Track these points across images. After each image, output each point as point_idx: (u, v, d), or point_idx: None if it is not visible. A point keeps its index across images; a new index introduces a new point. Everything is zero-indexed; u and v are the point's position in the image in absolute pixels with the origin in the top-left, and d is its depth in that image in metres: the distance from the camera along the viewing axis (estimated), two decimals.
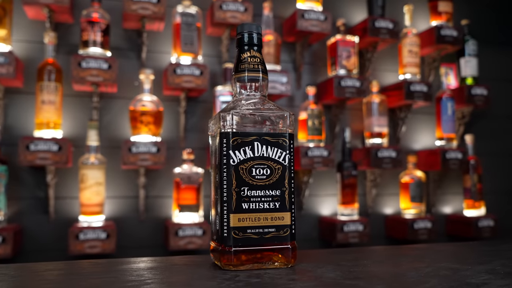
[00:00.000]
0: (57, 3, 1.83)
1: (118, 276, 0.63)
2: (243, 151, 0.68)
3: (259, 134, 0.69)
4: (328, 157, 2.08)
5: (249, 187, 0.68)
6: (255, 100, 0.73)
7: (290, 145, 0.71)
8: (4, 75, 1.76)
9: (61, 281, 0.61)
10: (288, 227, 0.70)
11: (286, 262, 0.69)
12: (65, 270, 0.70)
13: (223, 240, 0.67)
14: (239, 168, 0.68)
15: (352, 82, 2.15)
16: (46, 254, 1.88)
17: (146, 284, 0.58)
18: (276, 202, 0.69)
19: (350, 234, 2.09)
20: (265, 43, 2.09)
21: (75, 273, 0.67)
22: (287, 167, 0.70)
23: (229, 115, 0.69)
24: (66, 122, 1.96)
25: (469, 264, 0.71)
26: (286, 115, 0.71)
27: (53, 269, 0.69)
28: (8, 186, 1.83)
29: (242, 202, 0.68)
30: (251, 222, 0.68)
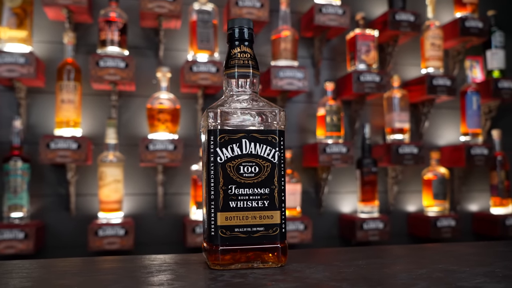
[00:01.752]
0: (75, 3, 1.86)
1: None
2: (231, 148, 0.67)
3: (247, 131, 0.68)
4: (347, 154, 2.04)
5: (236, 185, 0.67)
6: (245, 97, 0.72)
7: (280, 142, 0.69)
8: (25, 75, 1.80)
9: (41, 279, 0.62)
10: (277, 226, 0.68)
11: (275, 262, 0.68)
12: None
13: (211, 239, 0.67)
14: (226, 166, 0.67)
15: (372, 77, 2.10)
16: (68, 250, 1.92)
17: (116, 283, 0.57)
18: (264, 201, 0.68)
19: (370, 232, 2.05)
20: (281, 38, 2.07)
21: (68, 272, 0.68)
22: (277, 165, 0.69)
23: (216, 112, 0.68)
24: (86, 120, 2.00)
25: (469, 265, 0.68)
26: (275, 112, 0.70)
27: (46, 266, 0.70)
28: (31, 183, 1.88)
29: (229, 201, 0.67)
30: (239, 221, 0.67)
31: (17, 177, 1.82)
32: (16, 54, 1.80)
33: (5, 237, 1.74)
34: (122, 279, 0.61)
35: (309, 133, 2.23)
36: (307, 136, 2.23)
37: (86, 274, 0.64)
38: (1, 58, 1.78)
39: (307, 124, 2.23)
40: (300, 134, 2.23)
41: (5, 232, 1.74)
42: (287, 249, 0.70)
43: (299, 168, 2.18)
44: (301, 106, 2.24)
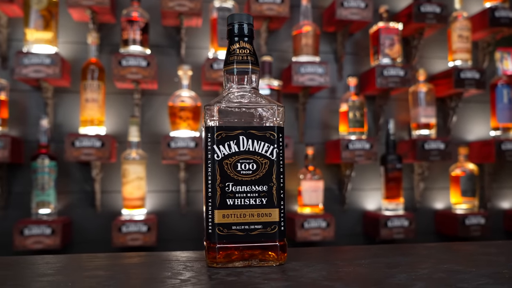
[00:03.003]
0: (98, 4, 1.90)
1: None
2: (228, 145, 0.67)
3: (244, 127, 0.67)
4: (371, 150, 2.00)
5: (234, 183, 0.66)
6: (244, 93, 0.71)
7: (279, 139, 0.68)
8: (51, 75, 1.85)
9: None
10: (276, 224, 0.67)
11: (274, 260, 0.67)
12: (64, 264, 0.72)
13: (209, 237, 0.66)
14: (223, 163, 0.66)
15: (396, 71, 2.05)
16: (93, 246, 1.97)
17: (109, 280, 0.58)
18: (263, 198, 0.67)
19: (395, 229, 2.01)
20: (303, 34, 2.05)
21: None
22: (275, 162, 0.68)
23: (214, 109, 0.67)
24: (110, 119, 2.04)
25: (478, 266, 0.65)
26: (274, 108, 0.69)
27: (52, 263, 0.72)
28: (58, 180, 1.93)
29: (226, 198, 0.66)
30: (236, 219, 0.66)
31: (44, 175, 1.87)
32: (42, 55, 1.85)
33: (33, 233, 1.79)
34: (108, 274, 0.62)
35: (332, 130, 2.20)
36: (330, 132, 2.20)
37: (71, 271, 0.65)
38: (28, 59, 1.84)
39: (330, 120, 2.20)
40: (323, 131, 2.20)
41: (33, 228, 1.79)
42: (287, 247, 0.69)
43: (322, 165, 2.16)
44: (324, 102, 2.22)
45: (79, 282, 0.58)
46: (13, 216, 1.92)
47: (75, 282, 0.58)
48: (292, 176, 2.13)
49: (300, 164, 2.11)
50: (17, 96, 1.99)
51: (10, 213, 1.94)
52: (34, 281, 0.59)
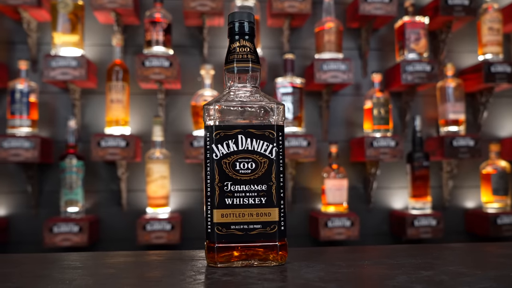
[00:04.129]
0: (122, 6, 1.93)
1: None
2: (226, 144, 0.66)
3: (243, 126, 0.67)
4: (396, 148, 1.96)
5: (232, 182, 0.66)
6: (245, 92, 0.70)
7: (278, 138, 0.68)
8: (77, 77, 1.90)
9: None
10: (275, 223, 0.67)
11: (274, 260, 0.66)
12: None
13: (208, 236, 0.66)
14: (222, 162, 0.66)
15: (422, 67, 2.00)
16: (119, 244, 2.01)
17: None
18: (262, 198, 0.66)
19: (422, 229, 1.96)
20: (325, 31, 2.02)
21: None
22: (275, 161, 0.67)
23: (212, 108, 0.67)
24: (135, 119, 2.07)
25: (485, 268, 0.63)
26: (273, 107, 0.68)
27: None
28: (85, 179, 1.98)
29: (225, 198, 0.66)
30: (235, 218, 0.66)
31: (72, 174, 1.93)
32: (69, 57, 1.90)
33: (62, 230, 1.85)
34: (97, 271, 0.63)
35: (356, 127, 2.16)
36: (354, 130, 2.17)
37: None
38: (56, 62, 1.89)
39: (354, 118, 2.17)
40: (348, 128, 2.17)
41: (62, 226, 1.85)
42: (287, 247, 0.68)
43: (347, 163, 2.13)
44: (348, 99, 2.18)
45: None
46: (44, 214, 1.99)
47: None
48: (316, 174, 2.11)
49: (323, 163, 2.09)
50: (46, 98, 2.06)
51: (41, 211, 2.01)
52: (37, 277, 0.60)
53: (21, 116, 1.91)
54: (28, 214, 2.00)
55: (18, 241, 1.99)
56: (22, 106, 1.91)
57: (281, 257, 0.66)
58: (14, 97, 1.91)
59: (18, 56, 2.04)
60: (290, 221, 2.08)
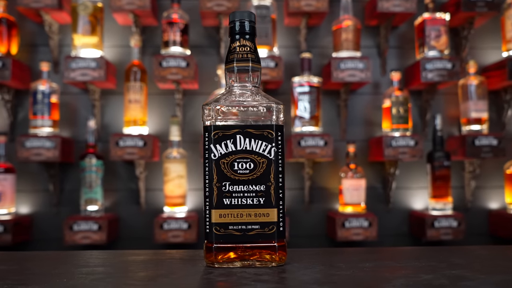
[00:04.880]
0: (140, 8, 1.96)
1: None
2: (225, 144, 0.66)
3: (242, 126, 0.66)
4: (415, 147, 1.92)
5: (230, 182, 0.66)
6: (244, 92, 0.70)
7: (278, 138, 0.67)
8: (97, 78, 1.93)
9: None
10: (274, 224, 0.66)
11: (272, 261, 0.66)
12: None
13: (206, 236, 0.66)
14: (220, 162, 0.66)
15: (443, 64, 1.95)
16: (137, 242, 2.03)
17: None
18: (260, 198, 0.66)
19: (442, 230, 1.91)
20: (343, 29, 2.00)
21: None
22: (273, 161, 0.67)
23: (210, 108, 0.67)
24: (153, 119, 2.09)
25: (490, 272, 0.60)
26: (272, 106, 0.67)
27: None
28: (105, 179, 2.01)
29: (223, 198, 0.66)
30: (233, 218, 0.65)
31: (91, 173, 1.96)
32: (88, 59, 1.93)
33: (82, 228, 1.88)
34: (103, 271, 0.63)
35: (375, 126, 2.13)
36: (373, 129, 2.14)
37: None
38: (75, 63, 1.93)
39: (373, 117, 2.14)
40: (366, 127, 2.14)
41: (82, 224, 1.88)
42: (286, 248, 0.67)
43: (365, 162, 2.10)
44: (367, 98, 2.15)
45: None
46: (65, 212, 2.03)
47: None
48: (333, 174, 2.09)
49: (341, 162, 2.07)
50: (68, 99, 2.10)
51: (62, 209, 2.05)
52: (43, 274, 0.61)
53: (42, 117, 1.95)
54: (50, 212, 2.05)
55: (40, 238, 2.04)
56: (44, 107, 1.96)
57: (280, 258, 0.66)
58: (36, 98, 1.95)
59: (41, 58, 2.09)
60: (307, 221, 2.07)
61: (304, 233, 2.07)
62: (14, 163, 1.98)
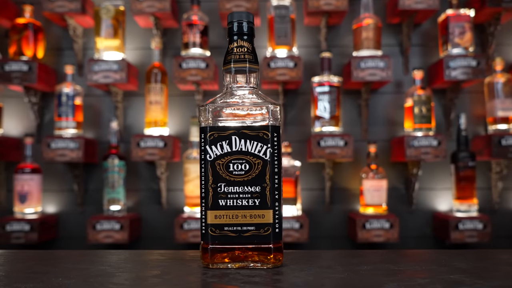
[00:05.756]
0: (160, 10, 1.98)
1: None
2: (220, 146, 0.66)
3: (237, 127, 0.66)
4: (439, 147, 1.87)
5: (226, 183, 0.66)
6: (242, 92, 0.70)
7: (274, 139, 0.66)
8: (118, 80, 1.97)
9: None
10: (269, 225, 0.65)
11: (267, 262, 0.65)
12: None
13: (202, 237, 0.66)
14: (215, 163, 0.66)
15: (467, 62, 1.90)
16: (158, 242, 2.06)
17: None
18: (255, 199, 0.66)
19: (467, 233, 1.86)
20: (363, 27, 1.97)
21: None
22: (269, 162, 0.66)
23: (206, 109, 0.67)
24: (174, 119, 2.12)
25: (489, 277, 0.58)
26: (268, 107, 0.67)
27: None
28: (127, 179, 2.05)
29: (218, 199, 0.66)
30: (228, 220, 0.65)
31: (114, 174, 2.00)
32: (110, 61, 1.97)
33: (104, 228, 1.92)
34: (99, 270, 0.64)
35: (398, 126, 2.09)
36: (396, 129, 2.10)
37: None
38: (98, 66, 1.97)
39: (395, 116, 2.10)
40: (388, 127, 2.10)
41: (104, 223, 1.92)
42: (282, 249, 0.66)
43: (387, 163, 2.06)
44: (389, 97, 2.11)
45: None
46: (89, 211, 2.08)
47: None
48: (354, 175, 2.06)
49: (363, 163, 2.04)
50: (92, 101, 2.15)
51: (86, 209, 2.10)
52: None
53: (67, 118, 2.01)
54: (75, 212, 2.10)
55: (66, 236, 2.09)
56: (68, 109, 2.01)
57: (276, 260, 0.65)
58: (61, 100, 2.01)
59: (66, 61, 2.14)
60: (328, 222, 2.05)
61: (324, 234, 2.05)
62: (40, 163, 2.04)
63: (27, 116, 2.14)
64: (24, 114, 2.15)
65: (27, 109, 2.14)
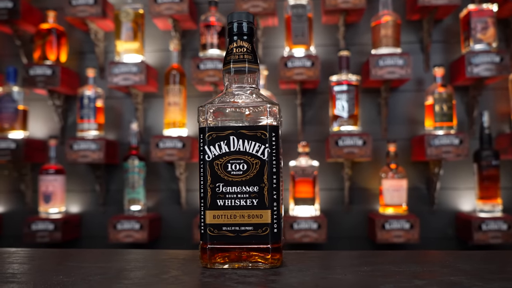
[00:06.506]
0: (178, 12, 2.00)
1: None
2: (218, 146, 0.66)
3: (235, 128, 0.66)
4: (460, 146, 1.83)
5: (224, 183, 0.66)
6: (241, 93, 0.70)
7: (272, 138, 0.66)
8: (138, 82, 2.00)
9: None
10: (267, 225, 0.65)
11: (266, 263, 0.65)
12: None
13: (201, 237, 0.67)
14: (214, 163, 0.66)
15: (490, 58, 1.85)
16: (177, 242, 2.08)
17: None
18: (253, 199, 0.65)
19: (490, 233, 1.81)
20: (381, 25, 1.94)
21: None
22: (267, 162, 0.66)
23: (205, 110, 0.67)
24: (192, 120, 2.13)
25: (490, 280, 0.56)
26: (266, 107, 0.67)
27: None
28: (147, 179, 2.08)
29: (217, 199, 0.66)
30: (227, 220, 0.66)
31: (134, 174, 2.03)
32: (129, 64, 2.01)
33: (125, 227, 1.95)
34: (97, 269, 0.65)
35: (419, 125, 2.05)
36: (417, 127, 2.06)
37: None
38: (118, 69, 2.01)
39: (416, 115, 2.06)
40: (409, 126, 2.06)
41: (125, 223, 1.95)
42: (281, 250, 0.66)
43: (408, 162, 2.03)
44: (409, 95, 2.08)
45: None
46: (111, 211, 2.12)
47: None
48: (373, 174, 2.03)
49: (382, 162, 2.01)
50: (113, 103, 2.19)
51: (108, 209, 2.14)
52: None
53: (88, 120, 2.05)
54: (97, 212, 2.14)
55: (88, 236, 2.14)
56: (90, 111, 2.05)
57: (274, 260, 0.65)
58: (83, 102, 2.05)
59: (88, 64, 2.19)
60: (347, 223, 2.03)
61: (344, 234, 2.03)
62: (64, 164, 2.09)
63: (52, 118, 2.20)
64: (48, 117, 2.21)
65: (51, 112, 2.19)
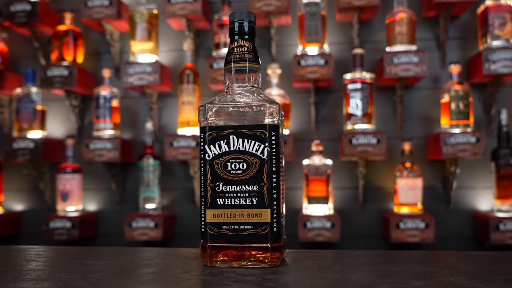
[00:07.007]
0: (191, 12, 2.02)
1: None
2: (218, 145, 0.67)
3: (235, 127, 0.66)
4: (477, 144, 1.80)
5: (224, 182, 0.66)
6: (241, 92, 0.70)
7: (271, 138, 0.66)
8: (152, 82, 2.02)
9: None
10: (267, 224, 0.65)
11: (265, 262, 0.65)
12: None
13: (202, 235, 0.67)
14: (214, 162, 0.67)
15: (508, 54, 1.81)
16: (192, 240, 2.09)
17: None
18: (253, 198, 0.65)
19: (508, 234, 1.77)
20: (396, 22, 1.92)
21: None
22: (267, 161, 0.66)
23: (205, 109, 0.68)
24: None
25: (491, 281, 0.55)
26: (265, 106, 0.67)
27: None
28: (162, 178, 2.10)
29: (217, 198, 0.66)
30: (226, 218, 0.66)
31: (149, 173, 2.06)
32: (144, 64, 2.03)
33: (140, 225, 1.98)
34: (97, 267, 0.66)
35: (435, 123, 2.02)
36: (433, 126, 2.02)
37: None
38: (133, 69, 2.03)
39: (432, 113, 2.03)
40: (424, 124, 2.03)
41: (140, 221, 1.98)
42: (281, 249, 0.66)
43: (424, 161, 2.00)
44: (425, 93, 2.05)
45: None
46: (126, 210, 2.14)
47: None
48: (388, 173, 2.01)
49: (397, 160, 1.98)
50: (128, 102, 2.22)
51: (124, 207, 2.17)
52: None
53: (104, 120, 2.08)
54: (113, 210, 2.17)
55: (105, 234, 2.17)
56: (105, 111, 2.08)
57: (274, 259, 0.65)
58: (99, 102, 2.08)
59: (104, 65, 2.22)
60: (362, 222, 2.02)
61: (358, 233, 2.01)
62: (81, 163, 2.13)
63: (69, 118, 2.24)
64: (66, 117, 2.25)
65: (68, 112, 2.23)
